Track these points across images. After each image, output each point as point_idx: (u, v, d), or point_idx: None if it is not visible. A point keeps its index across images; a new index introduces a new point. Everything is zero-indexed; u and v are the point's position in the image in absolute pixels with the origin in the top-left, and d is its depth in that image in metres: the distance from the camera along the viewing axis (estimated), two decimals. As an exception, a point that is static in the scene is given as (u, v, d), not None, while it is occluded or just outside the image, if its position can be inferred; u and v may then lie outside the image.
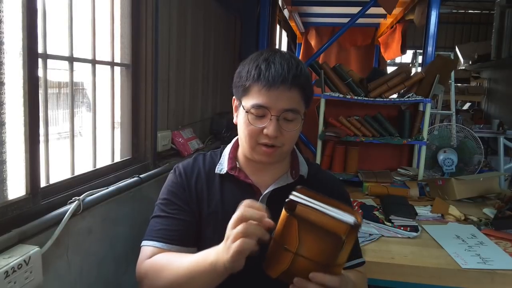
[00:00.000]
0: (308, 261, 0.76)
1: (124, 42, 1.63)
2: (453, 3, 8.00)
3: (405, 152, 2.77)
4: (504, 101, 5.86)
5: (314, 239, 0.75)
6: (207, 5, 2.42)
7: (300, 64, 0.97)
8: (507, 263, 1.45)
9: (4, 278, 0.87)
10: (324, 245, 0.74)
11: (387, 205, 1.96)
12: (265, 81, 0.93)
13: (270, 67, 0.93)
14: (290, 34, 5.66)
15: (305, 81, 0.96)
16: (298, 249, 0.76)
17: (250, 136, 0.97)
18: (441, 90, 2.63)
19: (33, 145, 1.05)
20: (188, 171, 1.08)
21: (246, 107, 0.96)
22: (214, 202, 1.04)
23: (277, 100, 0.93)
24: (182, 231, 1.02)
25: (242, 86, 0.97)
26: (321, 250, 0.75)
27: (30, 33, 1.03)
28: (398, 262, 1.47)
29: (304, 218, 0.74)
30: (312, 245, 0.75)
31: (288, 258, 0.78)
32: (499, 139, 4.37)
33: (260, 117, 0.96)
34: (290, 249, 0.77)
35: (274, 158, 0.99)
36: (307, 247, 0.76)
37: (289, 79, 0.92)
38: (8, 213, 0.99)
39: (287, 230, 0.76)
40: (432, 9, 2.94)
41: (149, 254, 0.99)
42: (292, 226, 0.76)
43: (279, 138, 0.96)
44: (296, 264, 0.78)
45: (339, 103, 2.61)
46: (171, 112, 1.98)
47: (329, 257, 0.75)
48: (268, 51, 0.99)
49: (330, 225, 0.73)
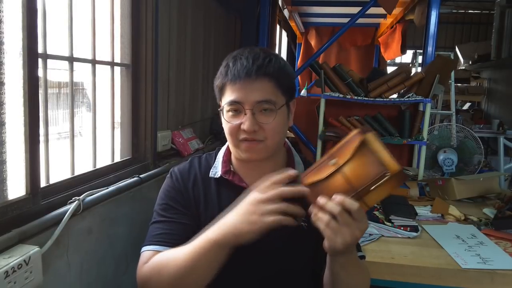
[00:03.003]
0: (345, 180, 0.80)
1: (124, 42, 1.63)
2: (453, 3, 8.00)
3: (405, 152, 2.77)
4: (504, 101, 5.86)
5: (363, 162, 0.79)
6: (207, 5, 2.42)
7: (271, 56, 0.96)
8: (507, 263, 1.45)
9: (4, 278, 0.87)
10: (368, 171, 0.78)
11: (387, 205, 1.96)
12: (231, 76, 0.93)
13: (236, 63, 0.94)
14: (290, 34, 5.66)
15: (276, 71, 0.94)
16: (345, 164, 0.81)
17: (230, 134, 0.97)
18: (441, 90, 2.63)
19: (33, 145, 1.05)
20: (184, 175, 1.07)
21: (223, 106, 0.97)
22: (211, 206, 1.03)
23: (246, 93, 0.93)
24: (183, 235, 1.00)
25: (217, 86, 0.99)
26: (363, 175, 0.79)
27: (30, 33, 1.03)
28: (398, 262, 1.46)
29: (369, 140, 0.80)
30: (358, 167, 0.80)
31: (329, 170, 0.82)
32: (499, 139, 4.36)
33: (236, 113, 0.95)
34: (338, 161, 0.81)
35: (259, 153, 0.97)
36: (353, 166, 0.80)
37: (253, 71, 0.92)
38: (8, 213, 0.99)
39: (348, 144, 0.82)
40: (432, 9, 2.94)
41: (150, 258, 0.97)
42: (354, 142, 0.81)
43: (259, 133, 0.94)
44: (332, 180, 0.81)
45: (339, 103, 2.60)
46: (171, 112, 1.98)
47: (365, 185, 0.78)
48: (240, 49, 0.99)
49: (386, 158, 0.78)
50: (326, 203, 0.79)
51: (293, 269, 1.05)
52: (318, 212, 0.80)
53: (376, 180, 0.78)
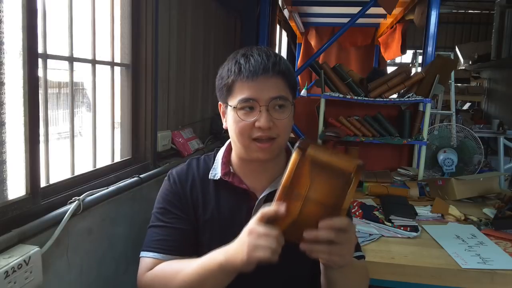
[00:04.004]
0: (317, 205, 0.78)
1: (124, 42, 1.63)
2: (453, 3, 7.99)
3: (405, 152, 2.77)
4: (504, 101, 5.85)
5: (324, 181, 0.78)
6: (207, 5, 2.42)
7: (279, 54, 0.98)
8: (507, 263, 1.45)
9: (4, 278, 0.87)
10: (334, 184, 0.78)
11: (387, 205, 1.96)
12: (246, 73, 0.92)
13: (249, 60, 0.94)
14: (290, 34, 5.66)
15: (286, 69, 0.96)
16: (309, 191, 0.78)
17: (241, 133, 0.95)
18: (441, 90, 2.63)
19: (33, 145, 1.05)
20: (182, 178, 1.06)
21: (234, 105, 0.95)
22: (209, 209, 1.03)
23: (262, 89, 0.93)
24: (181, 240, 1.01)
25: (225, 85, 0.97)
26: (331, 189, 0.78)
27: (30, 33, 1.03)
28: (398, 262, 1.46)
29: (316, 157, 0.78)
30: (322, 185, 0.78)
31: (297, 206, 0.79)
32: (499, 139, 4.36)
33: (249, 111, 0.94)
34: (300, 192, 0.78)
35: (271, 152, 0.97)
36: (317, 188, 0.78)
37: (270, 67, 0.92)
38: (8, 213, 0.99)
39: (299, 172, 0.79)
40: (432, 9, 2.94)
41: (150, 265, 0.99)
42: (303, 167, 0.78)
43: (273, 129, 0.94)
44: (305, 211, 0.78)
45: (339, 103, 2.60)
46: (171, 112, 1.98)
47: (338, 197, 0.77)
48: (244, 48, 0.99)
49: (340, 163, 0.78)
50: (317, 234, 0.77)
51: (295, 276, 1.05)
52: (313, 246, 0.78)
53: (346, 188, 0.77)
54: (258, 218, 0.80)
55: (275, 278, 1.01)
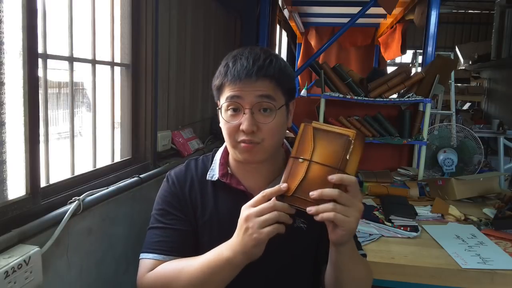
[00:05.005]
0: (321, 167, 0.84)
1: (124, 42, 1.63)
2: (453, 3, 8.00)
3: (405, 152, 2.77)
4: (504, 101, 5.86)
5: (326, 144, 0.85)
6: (207, 5, 2.42)
7: (271, 57, 0.95)
8: (507, 263, 1.45)
9: (4, 278, 0.87)
10: (335, 147, 0.84)
11: (387, 205, 1.96)
12: (231, 76, 0.93)
13: (236, 63, 0.93)
14: (290, 34, 5.66)
15: (277, 72, 0.94)
16: (313, 155, 0.85)
17: (229, 135, 0.96)
18: (441, 90, 2.63)
19: (33, 145, 1.05)
20: (181, 179, 1.06)
21: (221, 104, 0.96)
22: (208, 210, 1.03)
23: (246, 93, 0.92)
24: (181, 241, 1.01)
25: (216, 86, 0.98)
26: (333, 152, 0.84)
27: (30, 33, 1.03)
28: (398, 262, 1.47)
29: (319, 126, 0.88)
30: (324, 149, 0.85)
31: (303, 168, 0.85)
32: (499, 139, 4.36)
33: (234, 113, 0.94)
34: (305, 156, 0.86)
35: (256, 155, 0.95)
36: (320, 152, 0.85)
37: (254, 72, 0.91)
38: (8, 213, 0.99)
39: (303, 140, 0.87)
40: (432, 9, 2.94)
41: (150, 267, 0.98)
42: (307, 134, 0.87)
43: (257, 134, 0.93)
44: (311, 174, 0.84)
45: (339, 103, 2.61)
46: (171, 112, 1.98)
47: (340, 159, 0.83)
48: (239, 49, 0.99)
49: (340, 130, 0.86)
50: (321, 192, 0.79)
51: (295, 269, 1.06)
52: (318, 207, 0.79)
53: (347, 148, 0.83)
54: (248, 204, 0.84)
55: (271, 271, 1.01)
